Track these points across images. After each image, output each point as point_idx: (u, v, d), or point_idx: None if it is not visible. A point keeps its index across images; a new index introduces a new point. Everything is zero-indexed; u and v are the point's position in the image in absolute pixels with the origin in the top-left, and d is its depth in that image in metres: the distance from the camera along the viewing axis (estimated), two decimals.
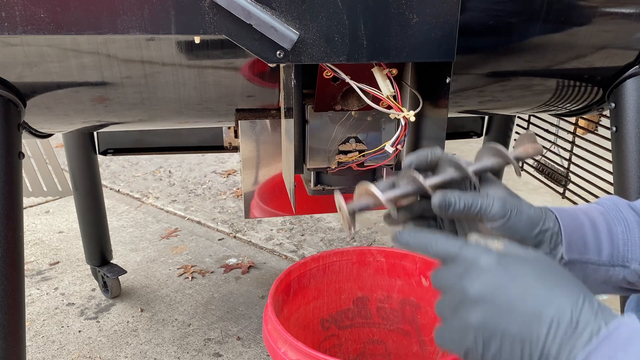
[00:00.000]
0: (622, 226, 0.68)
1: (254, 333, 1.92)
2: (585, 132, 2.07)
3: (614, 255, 0.68)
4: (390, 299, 1.48)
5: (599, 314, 0.52)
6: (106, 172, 3.46)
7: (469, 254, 0.58)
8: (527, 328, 0.52)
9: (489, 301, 0.54)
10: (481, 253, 0.58)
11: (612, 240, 0.68)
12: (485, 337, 0.54)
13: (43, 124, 1.22)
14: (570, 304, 0.52)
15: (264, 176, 1.36)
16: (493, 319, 0.54)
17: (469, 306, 0.55)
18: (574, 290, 0.54)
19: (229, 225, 2.76)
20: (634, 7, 1.15)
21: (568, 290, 0.54)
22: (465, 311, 0.56)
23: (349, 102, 1.06)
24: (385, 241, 2.61)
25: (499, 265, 0.56)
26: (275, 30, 0.82)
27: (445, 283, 0.59)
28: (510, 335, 0.53)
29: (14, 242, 1.03)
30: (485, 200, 0.65)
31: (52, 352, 1.84)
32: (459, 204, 0.65)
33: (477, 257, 0.57)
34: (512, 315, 0.53)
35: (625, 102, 1.22)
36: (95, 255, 2.07)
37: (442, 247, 0.60)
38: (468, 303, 0.55)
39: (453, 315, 0.57)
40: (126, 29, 0.81)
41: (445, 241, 0.61)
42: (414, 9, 0.86)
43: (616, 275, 0.68)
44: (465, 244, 0.60)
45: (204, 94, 1.15)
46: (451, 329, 0.57)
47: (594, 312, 0.52)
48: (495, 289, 0.55)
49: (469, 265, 0.57)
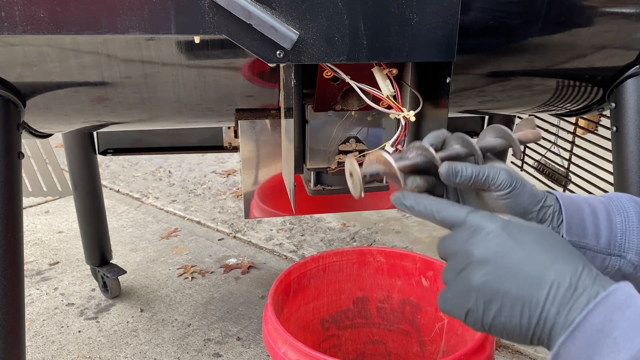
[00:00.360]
0: (622, 216, 0.69)
1: (254, 333, 1.92)
2: (586, 132, 2.07)
3: (611, 244, 0.68)
4: (390, 299, 1.48)
5: (597, 280, 0.54)
6: (106, 172, 3.46)
7: (476, 219, 0.60)
8: (528, 291, 0.54)
9: (492, 264, 0.56)
10: (487, 219, 0.59)
11: (611, 228, 0.68)
12: (486, 299, 0.56)
13: (43, 124, 1.22)
14: (569, 270, 0.54)
15: (264, 176, 1.36)
16: (495, 280, 0.56)
17: (473, 268, 0.57)
18: (574, 259, 0.56)
19: (228, 225, 2.75)
20: (634, 7, 1.15)
21: (568, 258, 0.56)
22: (468, 273, 0.58)
23: (349, 102, 1.06)
24: (385, 241, 2.61)
25: (503, 231, 0.58)
26: (275, 30, 0.82)
27: (451, 248, 0.61)
28: (510, 297, 0.55)
29: (14, 242, 1.03)
30: (492, 170, 0.67)
31: (51, 352, 1.84)
32: (467, 172, 0.66)
33: (483, 222, 0.59)
34: (514, 278, 0.55)
35: (625, 102, 1.22)
36: (95, 256, 2.06)
37: (449, 213, 0.62)
38: (472, 265, 0.57)
39: (456, 278, 0.59)
40: (126, 29, 0.81)
41: (453, 207, 0.63)
42: (414, 9, 0.86)
43: (612, 265, 0.68)
44: (473, 210, 0.61)
45: (204, 94, 1.15)
46: (454, 292, 0.59)
47: (593, 278, 0.54)
48: (498, 252, 0.56)
49: (475, 230, 0.59)
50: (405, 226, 2.74)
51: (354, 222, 2.79)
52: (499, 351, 1.85)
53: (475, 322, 0.58)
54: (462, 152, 0.70)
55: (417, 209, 0.65)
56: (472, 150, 0.70)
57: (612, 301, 0.51)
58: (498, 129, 0.72)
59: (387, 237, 2.64)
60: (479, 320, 0.57)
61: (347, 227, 2.74)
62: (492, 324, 0.57)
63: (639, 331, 0.49)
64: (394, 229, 2.72)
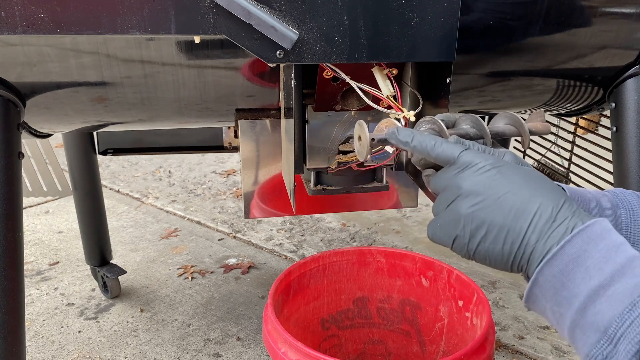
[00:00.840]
0: (626, 209, 0.70)
1: (254, 333, 1.92)
2: (586, 132, 2.07)
3: None
4: (390, 299, 1.48)
5: (576, 214, 0.58)
6: (106, 172, 3.46)
7: (468, 156, 0.64)
8: (512, 220, 0.59)
9: (480, 194, 0.61)
10: (479, 156, 0.63)
11: (616, 221, 0.70)
12: (473, 226, 0.61)
13: (43, 124, 1.22)
14: (552, 203, 0.58)
15: (264, 176, 1.36)
16: (482, 210, 0.60)
17: (463, 199, 0.62)
18: (557, 194, 0.60)
19: (228, 225, 2.75)
20: (634, 7, 1.15)
21: (552, 193, 0.60)
22: (457, 203, 0.62)
23: (349, 102, 1.06)
24: (385, 241, 2.61)
25: (492, 167, 0.62)
26: (275, 30, 0.82)
27: (443, 182, 0.65)
28: (495, 225, 0.59)
29: (14, 242, 1.03)
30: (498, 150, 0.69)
31: (51, 352, 1.84)
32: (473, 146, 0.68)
33: (475, 159, 0.63)
34: (499, 207, 0.60)
35: (625, 102, 1.22)
36: (95, 256, 2.06)
37: (443, 150, 0.66)
38: (461, 197, 0.62)
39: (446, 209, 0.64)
40: (126, 29, 0.81)
41: (448, 145, 0.66)
42: (414, 9, 0.86)
43: None
44: (466, 148, 0.65)
45: (204, 94, 1.15)
46: (443, 220, 0.64)
47: (572, 211, 0.58)
48: (486, 185, 0.61)
49: (467, 166, 0.63)
50: (405, 226, 2.74)
51: (354, 222, 2.79)
52: (499, 351, 1.86)
53: (462, 248, 0.63)
54: (471, 133, 0.72)
55: (412, 144, 0.68)
56: (482, 133, 0.72)
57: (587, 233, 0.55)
58: (510, 116, 0.74)
59: (387, 237, 2.64)
60: (465, 246, 0.62)
61: (347, 227, 2.74)
62: (477, 250, 0.61)
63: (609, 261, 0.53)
64: (394, 229, 2.72)
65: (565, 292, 0.54)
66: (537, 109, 1.39)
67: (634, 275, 0.51)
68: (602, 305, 0.51)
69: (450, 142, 0.66)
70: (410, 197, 1.44)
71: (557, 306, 0.55)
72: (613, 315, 0.50)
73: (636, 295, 0.50)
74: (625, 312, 0.50)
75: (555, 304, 0.55)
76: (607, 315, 0.51)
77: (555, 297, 0.55)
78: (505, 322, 1.99)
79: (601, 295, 0.52)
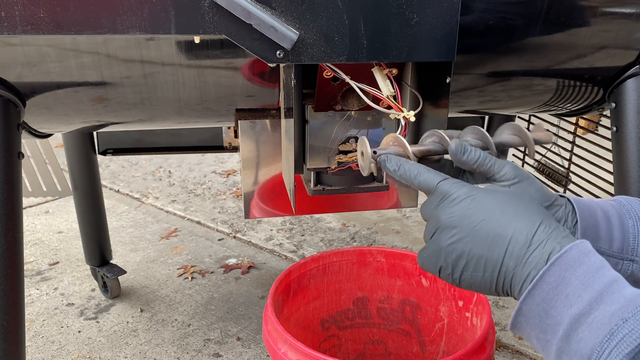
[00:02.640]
0: (633, 220, 0.70)
1: (254, 333, 1.92)
2: (586, 132, 2.07)
3: (624, 248, 0.69)
4: (390, 299, 1.48)
5: (552, 236, 0.58)
6: (106, 172, 3.46)
7: (445, 186, 0.65)
8: (488, 248, 0.60)
9: (457, 227, 0.62)
10: (454, 186, 0.65)
11: (624, 232, 0.69)
12: (453, 257, 0.63)
13: (43, 124, 1.22)
14: (526, 227, 0.59)
15: (264, 176, 1.36)
16: (459, 241, 0.62)
17: (442, 231, 0.64)
18: (533, 216, 0.61)
19: (228, 225, 2.75)
20: (634, 7, 1.15)
21: (527, 216, 0.61)
22: (438, 235, 0.64)
23: (349, 102, 1.06)
24: (385, 241, 2.61)
25: (467, 197, 0.63)
26: (275, 30, 0.82)
27: (425, 213, 0.67)
28: (474, 255, 0.61)
29: (14, 242, 1.03)
30: (499, 161, 0.70)
31: (51, 352, 1.83)
32: (474, 153, 0.70)
33: (451, 189, 0.65)
34: (476, 237, 0.61)
35: (625, 102, 1.22)
36: (95, 256, 2.06)
37: (425, 179, 0.68)
38: (440, 229, 0.64)
39: (430, 240, 0.66)
40: (126, 29, 0.81)
41: (427, 174, 0.68)
42: (414, 9, 0.86)
43: (625, 270, 0.69)
44: (444, 178, 0.66)
45: (204, 94, 1.15)
46: (428, 251, 0.66)
47: (548, 233, 0.58)
48: (462, 215, 0.62)
49: (443, 197, 0.65)
50: (405, 226, 2.74)
51: (354, 222, 2.79)
52: (499, 351, 1.86)
53: (447, 277, 0.64)
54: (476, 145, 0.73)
55: (398, 172, 0.70)
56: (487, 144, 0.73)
57: (566, 259, 0.56)
58: (514, 127, 0.75)
59: (387, 237, 2.64)
60: (449, 276, 0.64)
61: (347, 227, 2.74)
62: (461, 279, 0.63)
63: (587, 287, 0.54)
64: (394, 229, 2.72)
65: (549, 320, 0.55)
66: (537, 108, 1.39)
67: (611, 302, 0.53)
68: (583, 333, 0.53)
69: (430, 172, 0.68)
70: (410, 197, 1.44)
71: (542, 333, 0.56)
72: (594, 343, 0.52)
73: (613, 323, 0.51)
74: (605, 341, 0.51)
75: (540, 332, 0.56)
76: (589, 344, 0.52)
77: (540, 324, 0.56)
78: (505, 322, 1.99)
79: (582, 323, 0.53)
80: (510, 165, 0.69)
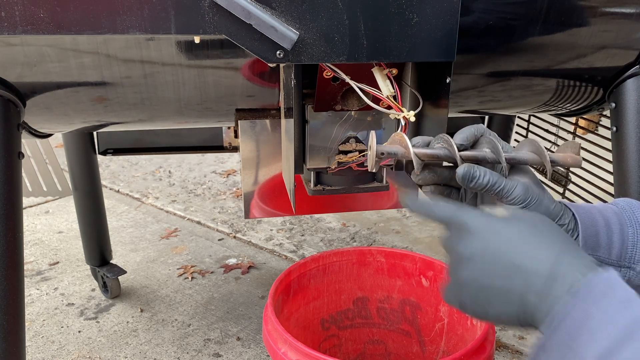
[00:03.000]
0: (633, 228, 0.69)
1: (254, 333, 1.92)
2: (586, 132, 2.07)
3: (622, 256, 0.69)
4: (390, 299, 1.48)
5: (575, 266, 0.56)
6: (106, 172, 3.46)
7: (460, 218, 0.63)
8: (508, 281, 0.58)
9: (476, 260, 0.60)
10: (471, 217, 0.63)
11: (623, 240, 0.69)
12: (474, 292, 0.61)
13: (43, 124, 1.22)
14: (549, 258, 0.56)
15: (264, 176, 1.36)
16: (480, 275, 0.60)
17: (462, 266, 0.62)
18: (555, 246, 0.58)
19: (228, 225, 2.75)
20: (634, 7, 1.15)
21: (548, 245, 0.58)
22: (458, 270, 0.62)
23: (349, 102, 1.06)
24: (385, 241, 2.61)
25: (485, 228, 0.61)
26: (275, 30, 0.82)
27: (446, 247, 0.65)
28: (494, 289, 0.59)
29: (14, 242, 1.03)
30: (509, 183, 0.68)
31: (51, 352, 1.84)
32: (483, 179, 0.68)
33: (467, 221, 0.62)
34: (495, 270, 0.59)
35: (625, 102, 1.22)
36: (95, 256, 2.06)
37: (440, 213, 0.66)
38: (461, 263, 0.62)
39: (451, 274, 0.64)
40: (126, 29, 0.81)
41: (443, 207, 0.66)
42: (414, 9, 0.86)
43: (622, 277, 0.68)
44: (459, 209, 0.64)
45: (204, 94, 1.15)
46: (450, 285, 0.64)
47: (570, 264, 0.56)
48: (481, 249, 0.60)
49: (461, 229, 0.62)
50: (405, 226, 2.74)
51: (354, 222, 2.79)
52: (499, 351, 1.85)
53: (471, 312, 0.63)
54: (489, 158, 0.71)
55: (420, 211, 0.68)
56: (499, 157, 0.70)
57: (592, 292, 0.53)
58: (534, 145, 0.72)
59: (387, 237, 2.64)
60: (472, 310, 0.62)
61: (347, 227, 2.74)
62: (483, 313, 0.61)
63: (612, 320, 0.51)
64: (394, 229, 2.72)
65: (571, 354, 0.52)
66: (537, 108, 1.39)
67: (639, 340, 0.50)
68: None
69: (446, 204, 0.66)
70: None
71: None
72: None
73: None
74: None
75: None
76: None
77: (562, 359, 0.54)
78: None
79: None
80: (520, 189, 0.67)
